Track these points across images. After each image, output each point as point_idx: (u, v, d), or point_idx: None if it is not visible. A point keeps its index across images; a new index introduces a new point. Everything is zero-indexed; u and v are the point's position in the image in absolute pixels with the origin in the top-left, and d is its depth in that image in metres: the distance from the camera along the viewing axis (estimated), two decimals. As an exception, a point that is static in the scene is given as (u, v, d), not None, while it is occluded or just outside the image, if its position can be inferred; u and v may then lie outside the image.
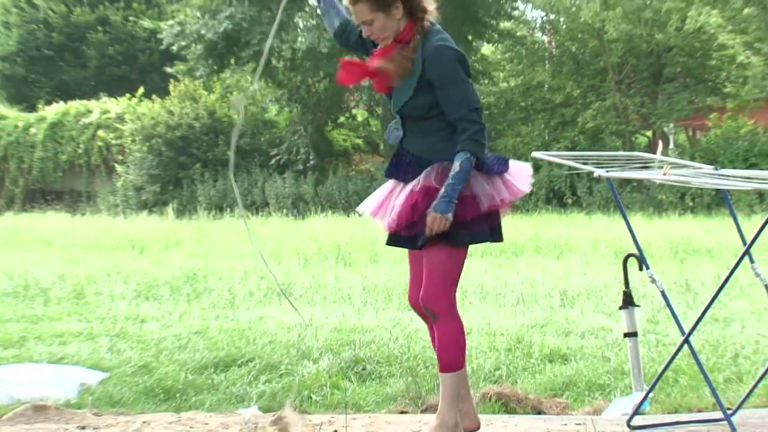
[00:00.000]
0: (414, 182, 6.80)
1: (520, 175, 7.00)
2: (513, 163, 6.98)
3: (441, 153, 6.80)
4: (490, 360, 9.99)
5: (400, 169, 6.96)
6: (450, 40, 6.81)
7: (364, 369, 9.65)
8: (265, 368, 9.81)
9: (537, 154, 8.21)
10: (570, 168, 7.95)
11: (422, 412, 8.35)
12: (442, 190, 6.59)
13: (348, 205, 35.70)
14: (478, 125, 6.67)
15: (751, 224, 9.07)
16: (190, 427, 7.66)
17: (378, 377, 9.41)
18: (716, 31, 34.76)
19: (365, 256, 19.50)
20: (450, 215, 6.56)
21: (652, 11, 36.27)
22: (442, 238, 6.70)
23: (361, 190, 36.54)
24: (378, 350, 10.20)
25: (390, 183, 7.07)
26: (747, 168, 29.86)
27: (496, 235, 7.02)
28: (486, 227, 6.88)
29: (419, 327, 11.58)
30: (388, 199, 6.99)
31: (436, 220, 6.58)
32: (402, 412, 8.40)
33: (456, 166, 6.59)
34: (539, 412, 8.40)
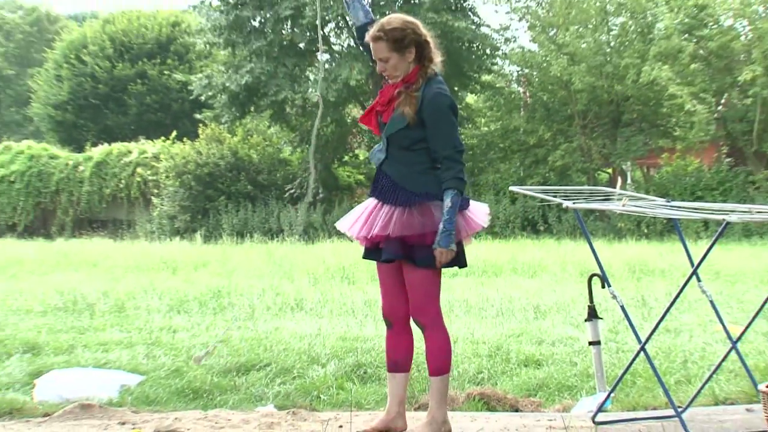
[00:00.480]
0: (390, 208, 6.89)
1: (479, 212, 7.11)
2: (473, 203, 7.08)
3: (415, 183, 6.87)
4: (474, 365, 9.99)
5: (377, 189, 7.02)
6: (446, 89, 6.94)
7: (365, 372, 9.64)
8: (279, 372, 9.79)
9: (514, 189, 8.28)
10: (542, 200, 7.98)
11: (415, 409, 8.32)
12: (441, 225, 6.65)
13: (351, 232, 35.55)
14: (460, 164, 6.78)
15: (698, 248, 9.08)
16: (215, 423, 7.64)
17: (377, 379, 9.40)
18: (667, 83, 34.75)
19: (366, 275, 19.48)
20: (453, 246, 6.68)
21: (612, 66, 36.40)
22: (418, 263, 6.81)
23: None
24: (377, 356, 10.18)
25: (368, 201, 7.10)
26: (694, 200, 29.88)
27: (461, 261, 7.04)
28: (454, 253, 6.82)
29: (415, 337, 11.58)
30: (363, 215, 7.03)
31: (444, 254, 6.70)
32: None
33: (447, 202, 6.67)
34: (516, 410, 8.40)
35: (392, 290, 7.16)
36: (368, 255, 7.14)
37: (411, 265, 6.88)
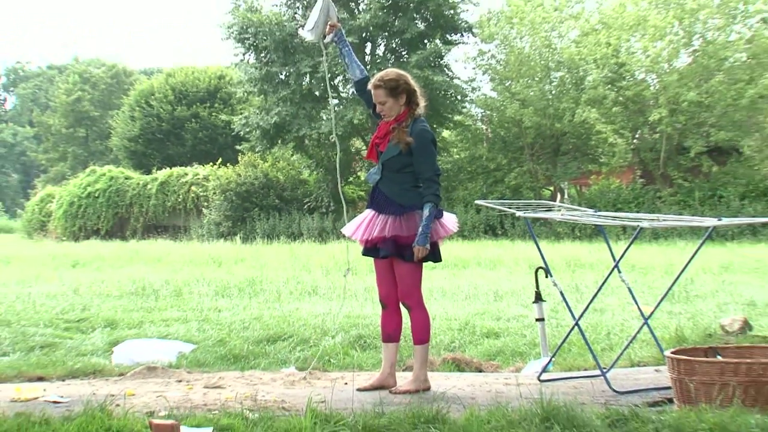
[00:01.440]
0: (385, 217, 7.11)
1: (450, 221, 7.37)
2: (446, 213, 7.36)
3: (403, 198, 7.11)
4: (448, 336, 10.00)
5: (374, 202, 7.22)
6: (428, 127, 7.27)
7: (364, 342, 9.66)
8: (299, 342, 9.81)
9: (479, 202, 8.37)
10: (500, 210, 7.96)
11: (403, 370, 8.30)
12: (420, 229, 6.93)
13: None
14: (437, 185, 7.08)
15: (618, 247, 9.07)
16: (250, 381, 7.63)
17: (374, 348, 9.41)
18: (594, 122, 34.79)
19: (366, 268, 19.45)
20: (428, 245, 6.94)
21: (552, 109, 36.48)
22: (402, 256, 7.07)
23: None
24: (374, 330, 10.17)
25: (367, 212, 7.26)
26: (615, 211, 29.85)
27: (436, 257, 7.23)
28: (429, 252, 7.03)
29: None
30: (364, 223, 7.20)
31: (420, 250, 6.96)
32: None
33: (426, 212, 6.93)
34: (480, 371, 8.39)
35: (386, 280, 7.32)
36: (367, 253, 7.33)
37: (400, 260, 7.10)
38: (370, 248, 7.27)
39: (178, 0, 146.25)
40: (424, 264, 7.22)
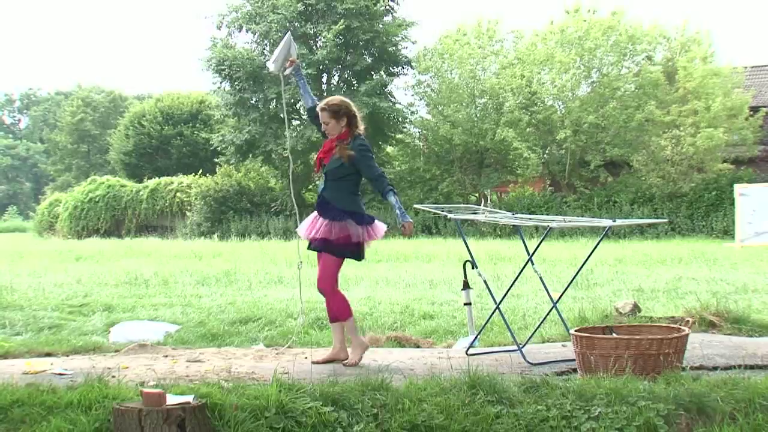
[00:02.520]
0: (323, 220, 7.25)
1: (378, 228, 7.35)
2: (377, 222, 7.42)
3: (343, 201, 7.21)
4: (391, 318, 9.98)
5: (318, 206, 7.32)
6: (365, 141, 7.40)
7: (322, 323, 9.59)
8: (267, 323, 9.77)
9: (417, 206, 8.39)
10: (435, 213, 7.97)
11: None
12: (396, 211, 7.14)
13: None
14: (385, 178, 7.26)
15: (532, 243, 9.11)
16: (225, 355, 7.57)
17: (329, 328, 9.33)
18: (512, 140, 34.99)
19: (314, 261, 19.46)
20: (410, 219, 7.12)
21: (477, 129, 36.63)
22: (328, 252, 7.19)
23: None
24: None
25: (313, 214, 7.40)
26: (529, 213, 30.05)
27: (360, 255, 7.34)
28: (354, 250, 7.18)
29: (353, 299, 11.55)
30: (312, 224, 7.35)
31: (408, 227, 7.12)
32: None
33: (392, 199, 7.15)
34: (418, 347, 8.37)
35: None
36: (310, 247, 7.43)
37: (325, 253, 7.21)
38: (312, 244, 7.40)
39: (166, 34, 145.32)
40: (346, 260, 7.31)
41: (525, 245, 7.89)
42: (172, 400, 5.07)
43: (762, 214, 27.75)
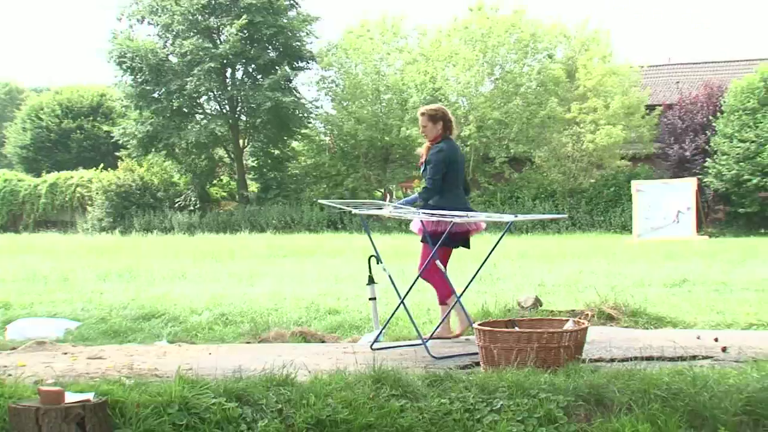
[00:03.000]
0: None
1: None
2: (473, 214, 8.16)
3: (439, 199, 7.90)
4: (296, 314, 9.94)
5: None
6: (446, 147, 8.01)
7: (227, 319, 9.52)
8: (171, 319, 9.62)
9: (321, 202, 8.35)
10: (339, 208, 7.98)
11: (259, 342, 8.24)
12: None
13: (218, 228, 35.49)
14: (430, 191, 7.99)
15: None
16: (128, 352, 7.44)
17: (234, 323, 9.29)
18: (416, 136, 35.26)
19: (227, 253, 19.24)
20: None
21: (382, 125, 36.82)
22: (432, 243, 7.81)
23: (223, 219, 36.51)
24: (234, 308, 10.09)
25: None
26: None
27: (466, 244, 8.19)
28: (459, 239, 8.05)
29: (258, 295, 11.49)
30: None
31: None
32: (247, 342, 8.29)
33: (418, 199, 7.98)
34: (323, 342, 8.36)
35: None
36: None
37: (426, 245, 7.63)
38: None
39: (65, 24, 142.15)
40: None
41: (429, 241, 7.94)
42: (71, 398, 4.97)
43: (657, 210, 28.54)
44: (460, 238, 7.92)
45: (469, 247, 8.07)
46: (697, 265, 16.00)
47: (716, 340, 7.45)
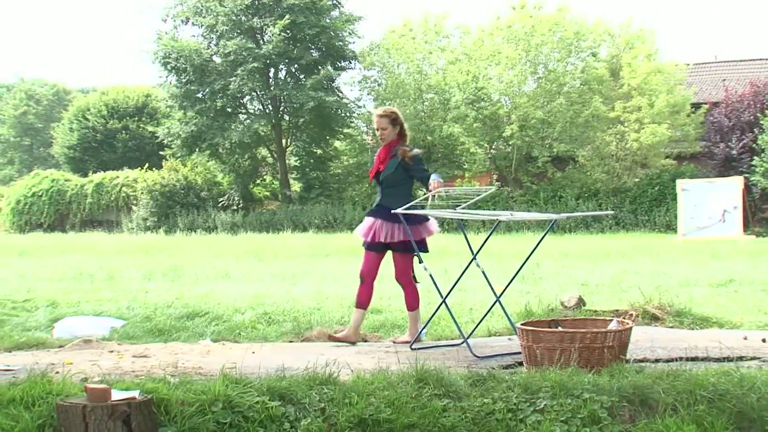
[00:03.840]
0: (390, 223, 7.75)
1: (431, 225, 8.18)
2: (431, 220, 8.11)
3: (399, 205, 7.70)
4: (339, 313, 9.96)
5: (383, 213, 7.81)
6: (415, 149, 8.08)
7: (270, 318, 9.56)
8: (214, 318, 9.66)
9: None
10: (417, 211, 7.89)
11: (301, 341, 8.27)
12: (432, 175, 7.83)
13: (261, 227, 35.67)
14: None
15: (479, 237, 9.19)
16: (172, 351, 7.50)
17: (276, 322, 9.32)
18: (458, 135, 35.20)
19: (270, 252, 19.30)
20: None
21: (425, 125, 36.73)
22: (404, 251, 7.96)
23: (266, 219, 36.67)
24: (277, 307, 10.12)
25: (371, 220, 7.90)
26: (476, 209, 30.15)
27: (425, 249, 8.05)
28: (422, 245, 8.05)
29: (300, 294, 11.51)
30: (379, 229, 7.86)
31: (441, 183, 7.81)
32: (290, 341, 8.32)
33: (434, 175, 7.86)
34: (365, 341, 8.38)
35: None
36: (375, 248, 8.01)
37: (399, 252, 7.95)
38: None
39: (111, 26, 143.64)
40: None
41: (467, 241, 7.92)
42: (117, 395, 5.02)
43: (703, 209, 28.21)
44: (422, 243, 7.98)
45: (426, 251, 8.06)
46: (744, 264, 15.79)
47: (764, 340, 7.36)
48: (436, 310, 7.99)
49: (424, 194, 8.04)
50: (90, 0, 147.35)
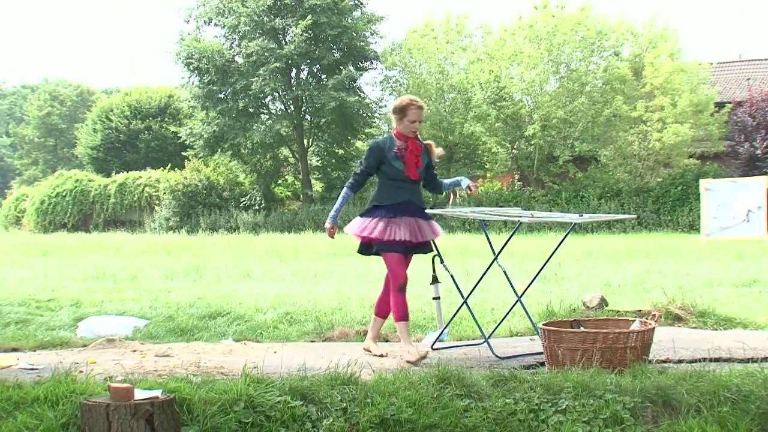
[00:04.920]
0: (426, 223, 7.52)
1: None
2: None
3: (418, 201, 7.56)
4: (360, 313, 9.91)
5: (417, 211, 7.50)
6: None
7: (292, 318, 9.56)
8: (236, 318, 9.68)
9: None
10: (455, 215, 7.88)
11: (323, 341, 8.28)
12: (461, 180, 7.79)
13: (282, 227, 35.72)
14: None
15: (501, 237, 9.20)
16: (194, 350, 7.52)
17: (298, 322, 9.33)
18: (480, 135, 35.12)
19: (291, 252, 19.33)
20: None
21: (446, 123, 36.68)
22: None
23: (288, 219, 36.71)
24: (298, 307, 10.13)
25: (408, 219, 7.49)
26: (498, 208, 30.12)
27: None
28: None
29: (322, 294, 11.52)
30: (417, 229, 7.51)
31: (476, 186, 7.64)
32: (312, 341, 8.32)
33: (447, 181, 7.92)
34: (387, 341, 8.36)
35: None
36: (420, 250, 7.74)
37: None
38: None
39: (133, 27, 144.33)
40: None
41: (489, 241, 7.90)
42: (140, 394, 5.04)
43: (727, 209, 28.02)
44: None
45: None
46: (768, 265, 15.69)
47: (788, 341, 7.30)
48: (458, 310, 7.98)
49: (449, 197, 8.02)
50: (113, 1, 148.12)
